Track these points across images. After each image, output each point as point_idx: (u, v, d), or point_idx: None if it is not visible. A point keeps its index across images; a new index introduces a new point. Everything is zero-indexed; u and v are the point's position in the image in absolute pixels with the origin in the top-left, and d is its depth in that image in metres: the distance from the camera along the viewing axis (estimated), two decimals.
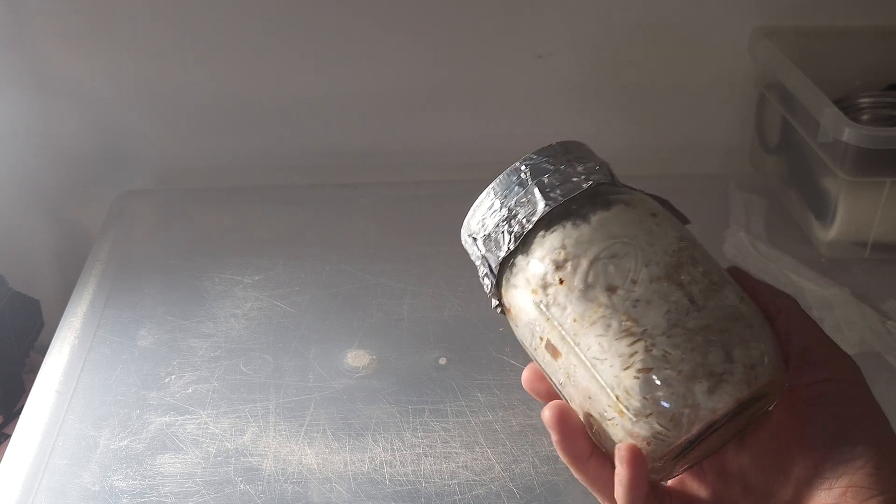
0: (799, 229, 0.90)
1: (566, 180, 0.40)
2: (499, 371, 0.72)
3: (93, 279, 0.83)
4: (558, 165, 0.41)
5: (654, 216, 0.40)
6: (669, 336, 0.37)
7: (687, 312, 0.37)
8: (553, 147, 0.41)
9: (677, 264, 0.38)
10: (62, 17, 0.91)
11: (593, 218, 0.39)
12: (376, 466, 0.63)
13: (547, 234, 0.40)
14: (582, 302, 0.38)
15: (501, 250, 0.41)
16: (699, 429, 0.37)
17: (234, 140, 1.00)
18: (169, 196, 0.98)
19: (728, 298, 0.38)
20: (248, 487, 0.62)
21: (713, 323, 0.37)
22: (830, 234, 0.84)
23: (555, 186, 0.40)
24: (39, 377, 0.71)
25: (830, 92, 0.83)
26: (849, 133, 0.76)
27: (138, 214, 0.94)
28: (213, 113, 0.98)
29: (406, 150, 1.02)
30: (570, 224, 0.39)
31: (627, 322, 0.37)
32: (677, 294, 0.37)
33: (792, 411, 0.39)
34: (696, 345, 0.36)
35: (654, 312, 0.37)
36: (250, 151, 1.01)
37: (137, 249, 0.90)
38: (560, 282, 0.39)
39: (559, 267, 0.39)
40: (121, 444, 0.65)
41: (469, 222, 0.43)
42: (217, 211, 0.94)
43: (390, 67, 0.97)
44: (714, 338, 0.37)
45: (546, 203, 0.40)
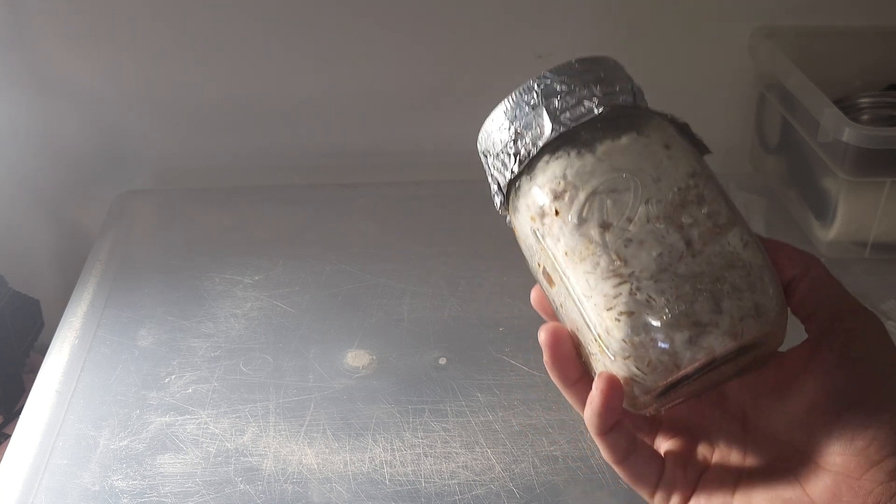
0: (799, 229, 0.90)
1: (578, 103, 0.38)
2: (499, 371, 0.72)
3: (93, 279, 0.83)
4: (573, 86, 0.38)
5: (668, 148, 0.38)
6: (657, 280, 0.35)
7: (680, 257, 0.36)
8: (572, 65, 0.39)
9: (681, 203, 0.36)
10: (62, 17, 0.91)
11: (599, 147, 0.37)
12: (376, 466, 0.63)
13: (551, 161, 0.38)
14: (574, 236, 0.37)
15: (507, 172, 0.39)
16: (678, 376, 0.36)
17: (234, 140, 1.00)
18: (169, 196, 0.98)
19: (730, 244, 0.36)
20: (248, 487, 0.62)
21: (707, 270, 0.35)
22: (830, 234, 0.84)
23: (565, 109, 0.38)
24: (39, 377, 0.71)
25: (830, 92, 0.83)
26: (849, 133, 0.76)
27: (138, 214, 0.94)
28: (213, 113, 0.98)
29: (406, 150, 1.02)
30: (575, 152, 0.37)
31: (617, 262, 0.36)
32: (674, 236, 0.36)
33: (815, 361, 0.37)
34: (683, 292, 0.35)
35: (646, 254, 0.36)
36: (250, 151, 1.01)
37: (137, 249, 0.90)
38: (556, 212, 0.37)
39: (557, 197, 0.37)
40: (121, 444, 0.65)
41: (481, 137, 0.41)
42: (217, 211, 0.94)
43: (390, 67, 0.97)
44: (704, 286, 0.35)
45: (553, 128, 0.38)
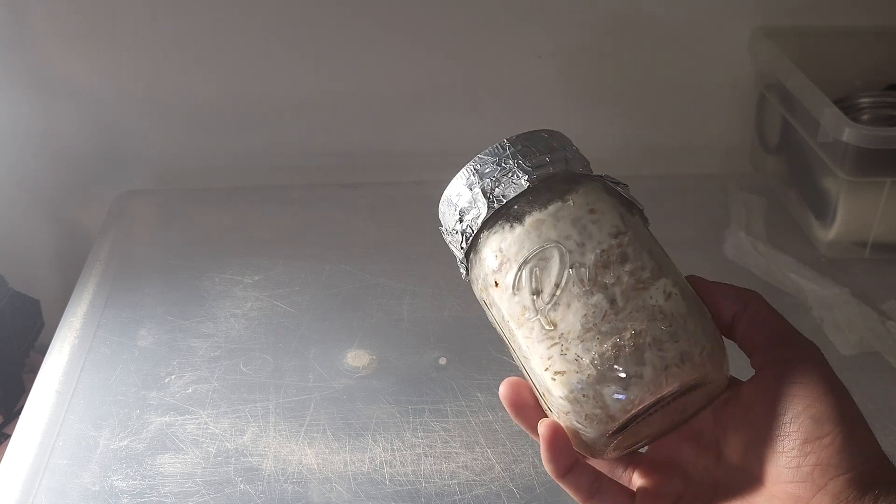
0: (799, 229, 0.90)
1: (509, 179, 0.41)
2: (499, 371, 0.71)
3: (93, 279, 0.83)
4: (504, 164, 0.41)
5: (592, 212, 0.40)
6: (583, 341, 0.38)
7: (604, 316, 0.38)
8: (501, 145, 0.42)
9: (604, 264, 0.39)
10: (62, 17, 0.91)
11: (527, 219, 0.40)
12: (376, 466, 0.63)
13: (489, 236, 0.41)
14: (512, 304, 0.40)
15: (458, 250, 0.43)
16: (615, 426, 0.38)
17: (234, 140, 1.00)
18: (169, 196, 0.98)
19: (652, 298, 0.39)
20: (248, 487, 0.62)
21: (629, 325, 0.38)
22: (830, 234, 0.84)
23: (496, 187, 0.41)
24: (39, 377, 0.71)
25: (830, 92, 0.83)
26: (849, 133, 0.76)
27: (138, 214, 0.94)
28: (213, 113, 0.98)
29: (406, 150, 1.02)
30: (508, 226, 0.40)
31: (547, 326, 0.39)
32: (597, 297, 0.38)
33: (761, 390, 0.39)
34: (606, 349, 0.38)
35: (572, 316, 0.38)
36: (250, 151, 1.01)
37: (137, 249, 0.90)
38: (496, 284, 0.41)
39: (496, 270, 0.40)
40: (121, 444, 0.65)
41: (440, 216, 0.44)
42: (217, 211, 0.94)
43: (390, 67, 0.97)
44: (626, 341, 0.38)
45: (487, 206, 0.41)
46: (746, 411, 0.40)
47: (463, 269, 0.43)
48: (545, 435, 0.40)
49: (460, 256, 0.43)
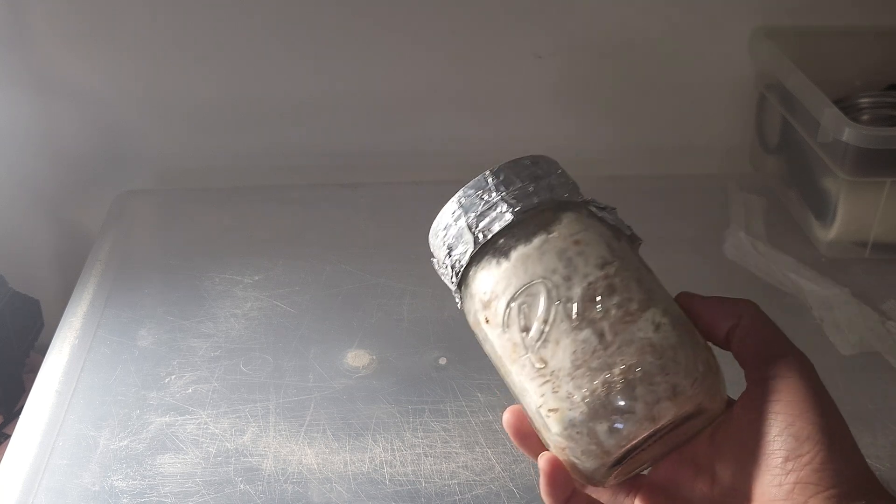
0: (799, 229, 0.90)
1: (493, 213, 0.40)
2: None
3: (93, 279, 0.83)
4: (487, 196, 0.41)
5: (578, 244, 0.40)
6: (573, 378, 0.38)
7: (594, 351, 0.38)
8: (484, 177, 0.41)
9: (591, 298, 0.38)
10: (62, 17, 0.91)
11: (513, 254, 0.40)
12: (376, 466, 0.63)
13: (477, 272, 0.41)
14: (503, 341, 0.40)
15: (450, 283, 0.42)
16: (612, 459, 0.38)
17: (234, 140, 1.00)
18: (169, 196, 0.98)
19: (641, 330, 0.38)
20: (248, 487, 0.62)
21: (618, 360, 0.37)
22: (830, 234, 0.84)
23: (481, 221, 0.40)
24: (39, 377, 0.71)
25: (830, 92, 0.83)
26: (849, 133, 0.76)
27: (138, 214, 0.94)
28: (213, 113, 0.98)
29: (406, 150, 1.02)
30: (495, 261, 0.40)
31: (538, 363, 0.38)
32: (586, 332, 0.38)
33: (748, 409, 0.39)
34: (597, 385, 0.37)
35: (562, 353, 0.38)
36: (250, 151, 1.01)
37: (137, 249, 0.90)
38: (486, 321, 0.40)
39: (485, 306, 0.40)
40: (121, 444, 0.65)
41: (431, 248, 0.44)
42: (217, 211, 0.94)
43: (390, 67, 0.97)
44: (616, 377, 0.37)
45: (473, 242, 0.40)
46: (737, 430, 0.40)
47: (457, 299, 0.43)
48: (545, 469, 0.40)
49: (453, 289, 0.43)
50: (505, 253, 0.40)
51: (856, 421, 0.40)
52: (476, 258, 0.41)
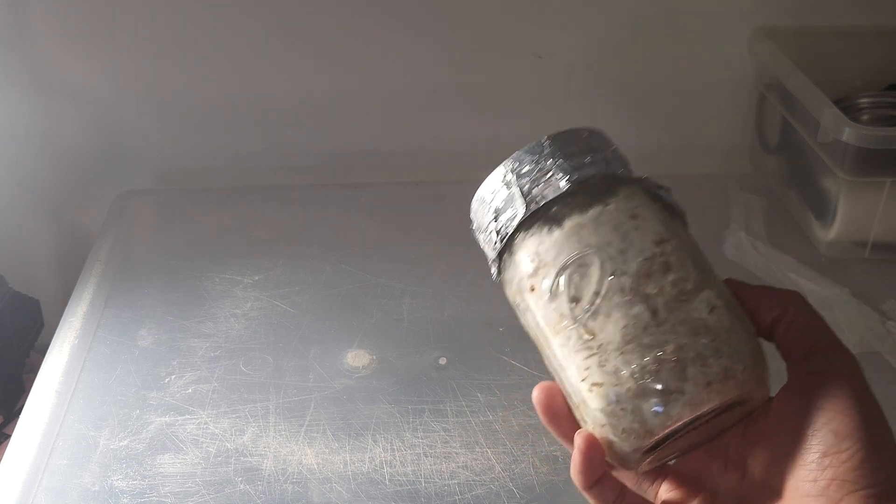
0: (799, 229, 0.90)
1: (548, 180, 0.39)
2: (499, 371, 0.71)
3: (93, 279, 0.83)
4: (543, 163, 0.40)
5: (635, 218, 0.39)
6: (622, 352, 0.37)
7: (645, 328, 0.37)
8: (540, 143, 0.40)
9: (646, 273, 0.37)
10: (62, 17, 0.91)
11: (567, 223, 0.39)
12: (376, 466, 0.63)
13: (526, 238, 0.39)
14: (548, 310, 0.38)
15: (492, 249, 0.41)
16: (652, 441, 0.37)
17: (234, 140, 1.00)
18: (169, 196, 0.98)
19: (696, 310, 0.37)
20: (248, 487, 0.62)
21: (671, 338, 0.37)
22: (830, 234, 0.84)
23: (535, 187, 0.39)
24: (39, 377, 0.71)
25: (830, 92, 0.83)
26: (849, 133, 0.76)
27: (138, 214, 0.94)
28: (213, 113, 0.98)
29: (406, 150, 1.02)
30: (546, 229, 0.39)
31: (586, 335, 0.37)
32: (639, 307, 0.37)
33: (788, 402, 0.39)
34: (648, 362, 0.36)
35: (612, 327, 0.37)
36: (250, 151, 1.01)
37: (137, 249, 0.90)
38: (531, 288, 0.39)
39: (532, 274, 0.39)
40: (121, 444, 0.65)
41: (472, 215, 0.43)
42: (217, 211, 0.94)
43: (390, 67, 0.97)
44: (668, 355, 0.36)
45: (524, 206, 0.39)
46: (772, 425, 0.39)
47: (494, 270, 0.42)
48: (581, 447, 0.38)
49: (493, 256, 0.41)
50: (558, 221, 0.39)
51: None
52: (525, 224, 0.39)
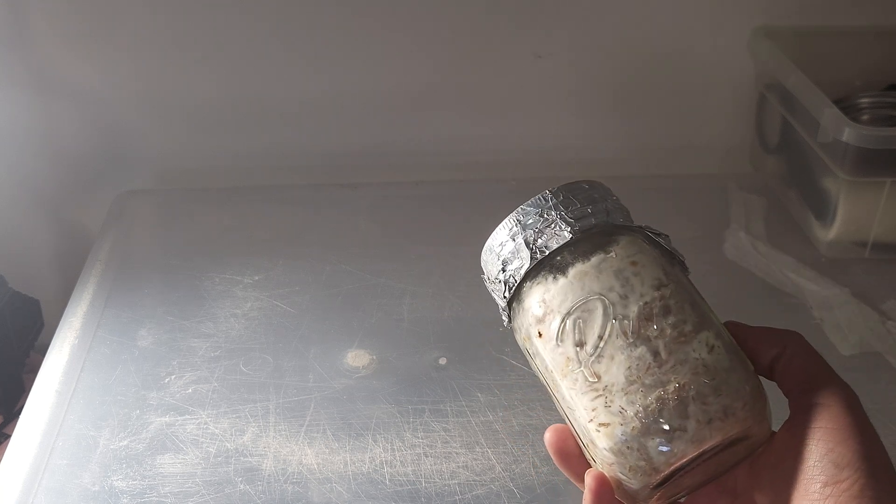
0: (799, 229, 0.90)
1: (552, 231, 0.41)
2: (499, 371, 0.72)
3: (93, 279, 0.83)
4: (547, 215, 0.42)
5: (635, 264, 0.41)
6: (627, 393, 0.39)
7: (648, 368, 0.39)
8: (543, 196, 0.43)
9: (647, 316, 0.39)
10: (62, 17, 0.91)
11: (571, 270, 0.41)
12: (376, 466, 0.63)
13: (532, 286, 0.41)
14: (555, 355, 0.40)
15: (501, 298, 0.43)
16: (659, 478, 0.39)
17: (234, 140, 1.00)
18: (169, 196, 0.98)
19: (695, 351, 0.39)
20: (248, 487, 0.62)
21: (673, 378, 0.38)
22: (830, 234, 0.84)
23: (539, 238, 0.42)
24: (39, 377, 0.71)
25: (830, 92, 0.83)
26: (849, 133, 0.76)
27: (138, 214, 0.94)
28: (213, 113, 0.98)
29: (406, 150, 1.02)
30: (552, 277, 0.41)
31: (592, 377, 0.39)
32: (641, 349, 0.39)
33: (790, 436, 0.40)
34: (651, 402, 0.38)
35: (616, 368, 0.39)
36: (250, 151, 1.01)
37: (137, 249, 0.90)
38: (539, 335, 0.41)
39: (539, 320, 0.41)
40: (121, 444, 0.65)
41: (482, 264, 0.45)
42: (217, 211, 0.94)
43: (390, 67, 0.97)
44: (670, 395, 0.38)
45: (530, 257, 0.41)
46: (776, 458, 0.40)
47: (505, 318, 0.44)
48: (592, 486, 0.40)
49: (503, 305, 0.43)
50: (562, 269, 0.41)
51: None
52: (531, 274, 0.41)
